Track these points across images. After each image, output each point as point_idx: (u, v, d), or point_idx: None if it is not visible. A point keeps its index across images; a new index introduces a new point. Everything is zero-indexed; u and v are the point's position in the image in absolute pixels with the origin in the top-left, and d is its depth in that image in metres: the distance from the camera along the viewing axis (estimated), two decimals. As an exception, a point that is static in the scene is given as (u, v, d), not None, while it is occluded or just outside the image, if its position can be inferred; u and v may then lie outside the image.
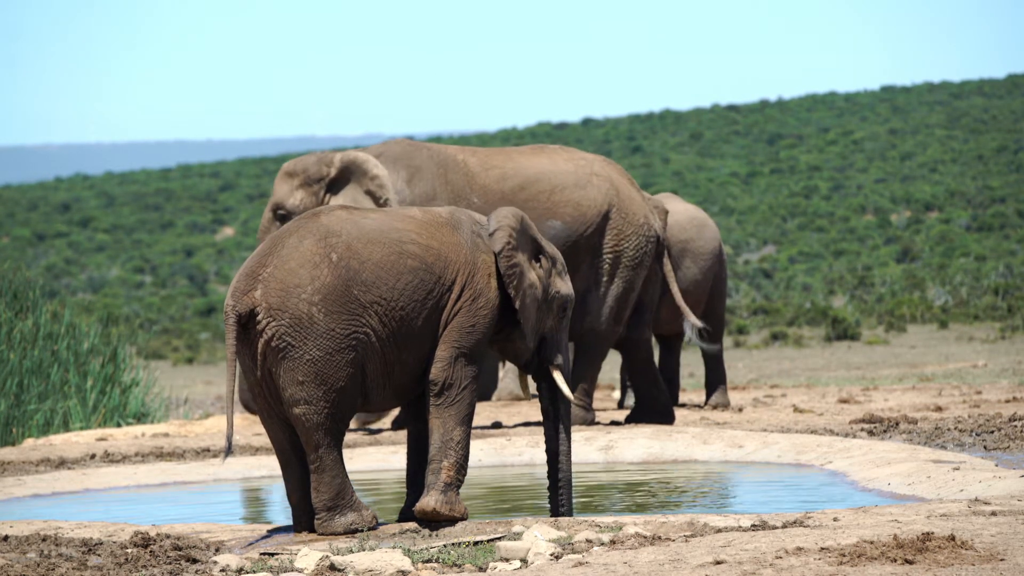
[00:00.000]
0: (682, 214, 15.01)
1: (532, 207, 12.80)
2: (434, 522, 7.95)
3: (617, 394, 16.65)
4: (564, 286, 8.38)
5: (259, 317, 7.74)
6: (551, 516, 8.34)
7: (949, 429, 11.65)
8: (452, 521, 7.94)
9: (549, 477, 8.37)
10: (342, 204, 8.21)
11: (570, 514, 8.34)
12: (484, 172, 12.91)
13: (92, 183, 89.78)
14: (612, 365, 25.83)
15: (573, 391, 12.34)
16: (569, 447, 8.38)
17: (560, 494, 8.35)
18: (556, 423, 8.36)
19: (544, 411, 8.40)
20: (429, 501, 7.96)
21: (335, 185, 12.91)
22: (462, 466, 8.05)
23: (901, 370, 20.84)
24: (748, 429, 12.06)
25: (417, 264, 7.97)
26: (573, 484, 8.40)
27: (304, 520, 8.01)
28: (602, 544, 7.04)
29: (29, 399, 14.99)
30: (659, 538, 7.05)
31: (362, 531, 7.89)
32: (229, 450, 7.89)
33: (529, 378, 15.19)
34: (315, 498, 7.92)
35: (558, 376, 8.33)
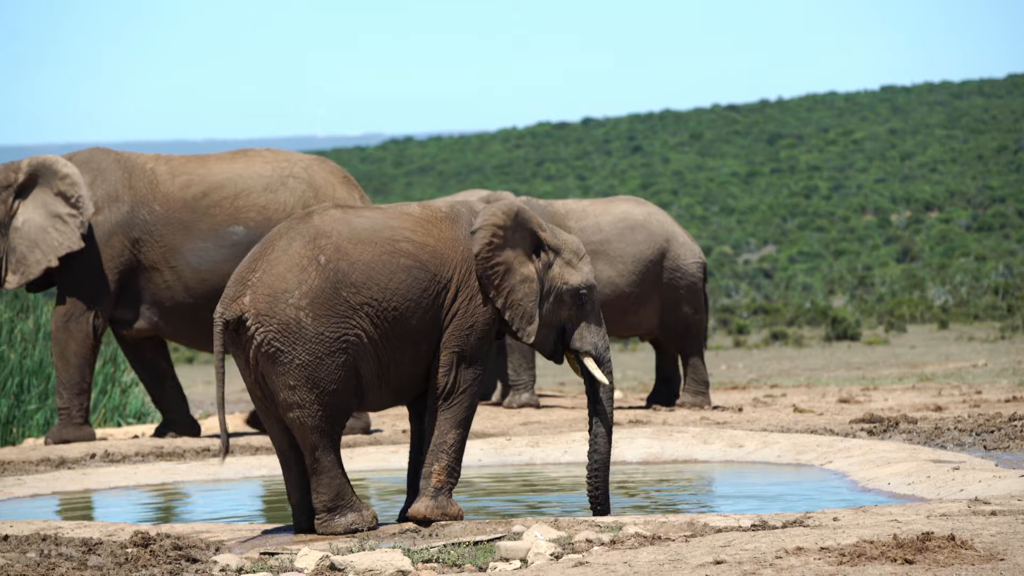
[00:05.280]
0: (607, 216, 14.79)
1: (214, 213, 12.74)
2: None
3: (618, 394, 16.65)
4: (574, 275, 8.25)
5: (248, 323, 7.77)
6: (588, 496, 8.33)
7: (949, 429, 11.65)
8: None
9: (588, 458, 8.35)
10: (336, 203, 8.17)
11: (605, 495, 8.28)
12: (170, 179, 12.85)
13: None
14: (613, 364, 25.81)
15: None
16: (606, 430, 8.28)
17: (595, 476, 8.27)
18: (594, 406, 8.32)
19: (587, 394, 8.38)
20: (419, 507, 8.01)
21: (24, 190, 12.85)
22: (453, 469, 8.05)
23: (901, 370, 20.84)
24: (748, 429, 12.06)
25: (411, 262, 7.94)
26: (607, 473, 8.31)
27: (303, 520, 8.01)
28: (602, 544, 7.04)
29: (29, 399, 14.98)
30: (659, 538, 7.05)
31: (362, 531, 7.90)
32: (227, 450, 7.92)
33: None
34: (315, 499, 7.93)
35: (589, 362, 8.27)
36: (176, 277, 12.76)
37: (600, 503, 8.32)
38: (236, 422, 13.85)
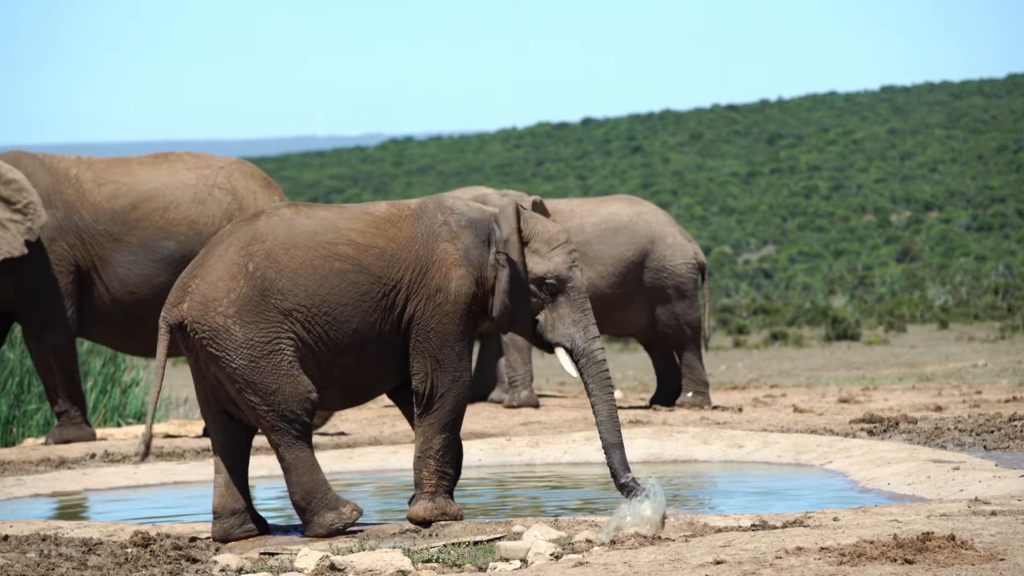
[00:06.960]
0: (592, 217, 14.68)
1: (145, 226, 12.58)
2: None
3: (618, 393, 16.64)
4: (540, 264, 8.04)
5: (187, 330, 7.85)
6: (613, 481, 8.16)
7: (949, 429, 11.65)
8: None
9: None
10: (290, 203, 8.12)
11: (626, 468, 8.00)
12: (97, 188, 12.66)
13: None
14: (614, 364, 25.82)
15: None
16: (605, 416, 7.98)
17: (610, 458, 8.02)
18: (590, 397, 8.13)
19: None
20: (417, 510, 8.03)
21: None
22: (443, 473, 8.02)
23: (901, 370, 20.84)
24: (748, 429, 12.06)
25: (347, 266, 7.85)
26: (620, 453, 7.99)
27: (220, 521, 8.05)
28: (602, 544, 7.04)
29: (29, 399, 14.98)
30: (659, 538, 7.05)
31: (341, 529, 7.90)
32: (147, 453, 7.99)
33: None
34: (291, 498, 8.00)
35: (560, 352, 8.14)
36: (104, 287, 12.61)
37: (625, 488, 8.04)
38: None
